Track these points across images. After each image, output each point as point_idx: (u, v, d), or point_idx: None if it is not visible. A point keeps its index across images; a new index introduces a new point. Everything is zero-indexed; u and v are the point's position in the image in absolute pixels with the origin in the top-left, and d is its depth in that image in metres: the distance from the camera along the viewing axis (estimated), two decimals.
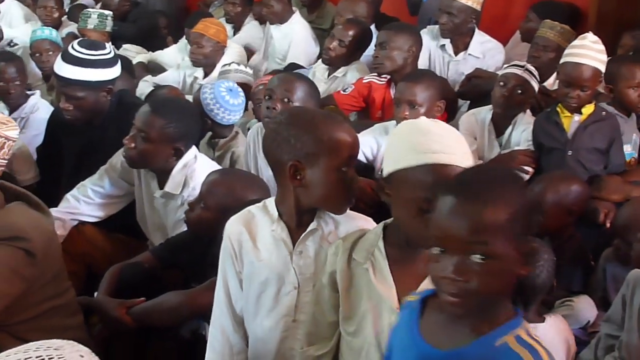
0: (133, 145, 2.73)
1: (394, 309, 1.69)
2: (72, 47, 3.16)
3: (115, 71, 3.23)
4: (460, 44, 4.06)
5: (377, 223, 1.83)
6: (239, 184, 2.46)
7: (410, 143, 1.67)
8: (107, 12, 5.06)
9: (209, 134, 3.53)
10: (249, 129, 3.48)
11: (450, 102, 3.45)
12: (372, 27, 4.43)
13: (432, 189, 1.49)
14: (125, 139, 2.76)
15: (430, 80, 3.12)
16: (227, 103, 3.43)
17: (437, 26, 4.14)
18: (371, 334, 1.73)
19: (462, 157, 1.66)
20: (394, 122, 3.15)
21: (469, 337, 1.34)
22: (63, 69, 3.11)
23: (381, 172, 1.77)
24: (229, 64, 4.15)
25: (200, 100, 3.42)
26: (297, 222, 1.92)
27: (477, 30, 4.08)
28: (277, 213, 1.94)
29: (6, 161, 2.11)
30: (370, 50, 4.05)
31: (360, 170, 2.36)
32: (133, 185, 3.02)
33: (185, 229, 2.66)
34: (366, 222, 1.95)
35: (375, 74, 3.75)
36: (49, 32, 4.47)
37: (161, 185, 2.84)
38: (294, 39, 5.05)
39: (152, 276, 2.53)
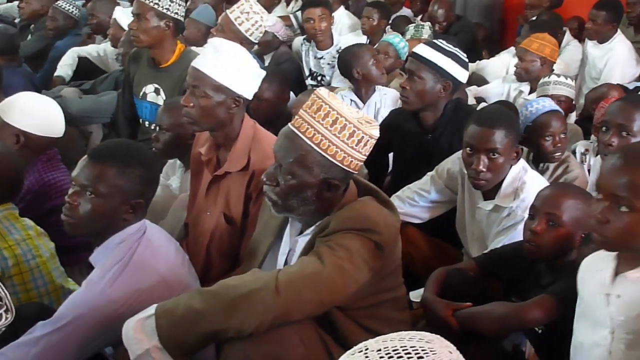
0: (485, 169, 2.73)
1: None
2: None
3: (462, 74, 3.29)
4: None
5: None
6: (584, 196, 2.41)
7: None
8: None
9: None
10: None
11: None
12: None
13: None
14: (475, 167, 2.74)
15: None
16: None
17: None
18: None
19: None
20: None
21: None
22: (423, 50, 3.27)
23: None
24: (549, 76, 4.00)
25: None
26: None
27: None
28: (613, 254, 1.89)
29: (365, 157, 2.25)
30: None
31: None
32: (456, 194, 3.05)
33: (507, 241, 2.67)
34: None
35: None
36: (399, 41, 4.64)
37: (485, 196, 2.85)
38: (611, 57, 4.90)
39: (475, 284, 2.53)
